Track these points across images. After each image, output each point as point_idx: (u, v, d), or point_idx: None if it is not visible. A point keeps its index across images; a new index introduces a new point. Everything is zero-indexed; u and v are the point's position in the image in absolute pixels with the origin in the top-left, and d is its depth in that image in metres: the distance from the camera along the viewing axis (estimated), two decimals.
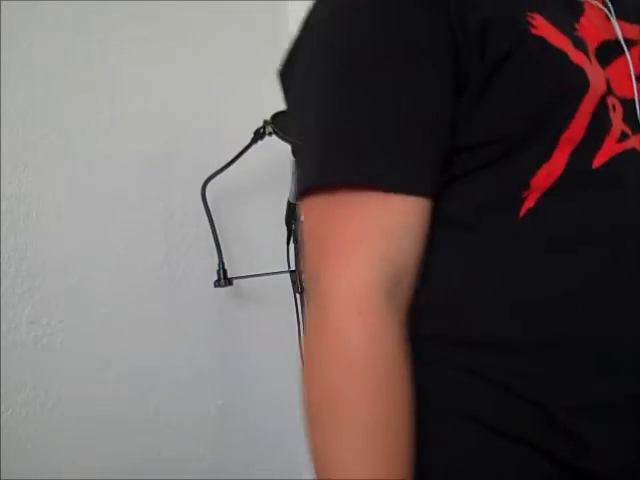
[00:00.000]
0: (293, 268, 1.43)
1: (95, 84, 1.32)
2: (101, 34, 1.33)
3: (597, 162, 0.59)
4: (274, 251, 1.50)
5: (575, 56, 0.59)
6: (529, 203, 0.58)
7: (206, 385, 1.47)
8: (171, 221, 1.43)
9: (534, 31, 0.58)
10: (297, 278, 1.42)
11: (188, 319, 1.44)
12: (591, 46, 0.62)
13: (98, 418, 1.28)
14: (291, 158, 1.38)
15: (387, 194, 0.56)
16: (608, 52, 0.63)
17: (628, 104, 0.63)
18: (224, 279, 1.41)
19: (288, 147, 1.36)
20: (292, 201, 1.43)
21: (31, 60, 1.23)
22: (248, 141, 1.39)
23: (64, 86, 1.27)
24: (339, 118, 0.58)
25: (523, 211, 0.58)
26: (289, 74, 0.66)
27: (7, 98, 1.19)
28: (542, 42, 0.58)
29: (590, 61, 0.61)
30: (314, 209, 0.60)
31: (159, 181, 1.41)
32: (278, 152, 1.42)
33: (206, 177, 1.40)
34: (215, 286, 1.41)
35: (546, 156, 0.58)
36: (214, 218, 1.40)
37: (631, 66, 0.64)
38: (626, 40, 0.65)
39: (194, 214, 1.42)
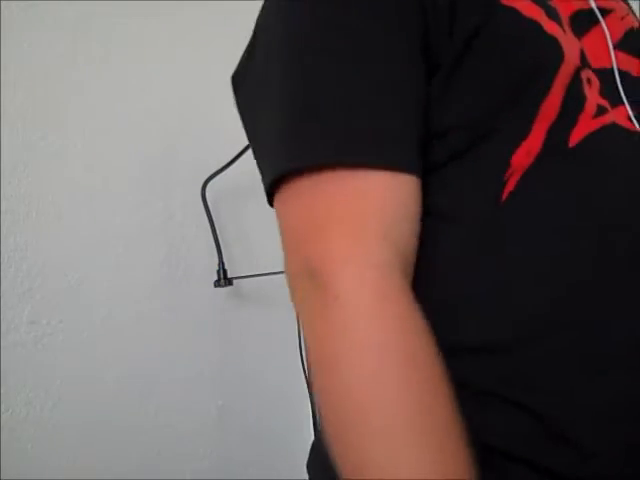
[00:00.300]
0: None
1: (95, 84, 1.32)
2: (101, 34, 1.33)
3: (573, 141, 0.56)
4: (274, 251, 1.50)
5: (549, 26, 0.57)
6: (510, 186, 0.55)
7: (206, 385, 1.47)
8: (171, 221, 1.43)
9: (505, 2, 0.56)
10: None
11: (188, 319, 1.44)
12: (564, 16, 0.60)
13: (98, 418, 1.28)
14: None
15: (378, 171, 0.52)
16: (582, 22, 0.61)
17: (606, 75, 0.60)
18: (224, 279, 1.41)
19: None
20: None
21: (31, 60, 1.23)
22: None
23: (64, 86, 1.27)
24: (315, 99, 0.54)
25: (505, 195, 0.55)
26: (242, 74, 0.62)
27: (7, 98, 1.19)
28: (514, 13, 0.56)
29: (564, 31, 0.58)
30: (295, 198, 0.55)
31: (159, 181, 1.41)
32: None
33: (206, 177, 1.40)
34: (215, 286, 1.41)
35: (524, 133, 0.55)
36: (214, 218, 1.40)
37: (608, 35, 0.61)
38: (600, 9, 0.63)
39: (194, 214, 1.42)
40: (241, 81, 0.64)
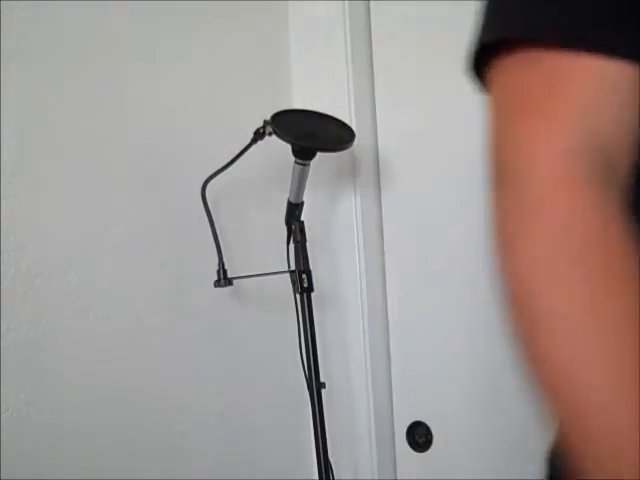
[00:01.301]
0: (293, 268, 1.43)
1: (95, 84, 1.32)
2: (102, 34, 1.33)
3: None
4: (274, 251, 1.50)
5: None
6: None
7: (206, 385, 1.47)
8: (171, 221, 1.43)
9: None
10: (297, 278, 1.42)
11: (188, 319, 1.44)
12: None
13: (98, 418, 1.28)
14: (291, 158, 1.38)
15: (603, 55, 0.47)
16: None
17: None
18: (224, 279, 1.41)
19: (288, 147, 1.36)
20: (292, 201, 1.43)
21: (31, 60, 1.23)
22: (248, 141, 1.39)
23: (64, 86, 1.27)
24: None
25: None
26: None
27: (7, 98, 1.19)
28: None
29: None
30: (499, 76, 0.51)
31: (159, 181, 1.41)
32: (278, 152, 1.42)
33: (206, 177, 1.40)
34: (215, 286, 1.41)
35: None
36: (214, 218, 1.40)
37: None
38: None
39: (194, 214, 1.42)
40: None
